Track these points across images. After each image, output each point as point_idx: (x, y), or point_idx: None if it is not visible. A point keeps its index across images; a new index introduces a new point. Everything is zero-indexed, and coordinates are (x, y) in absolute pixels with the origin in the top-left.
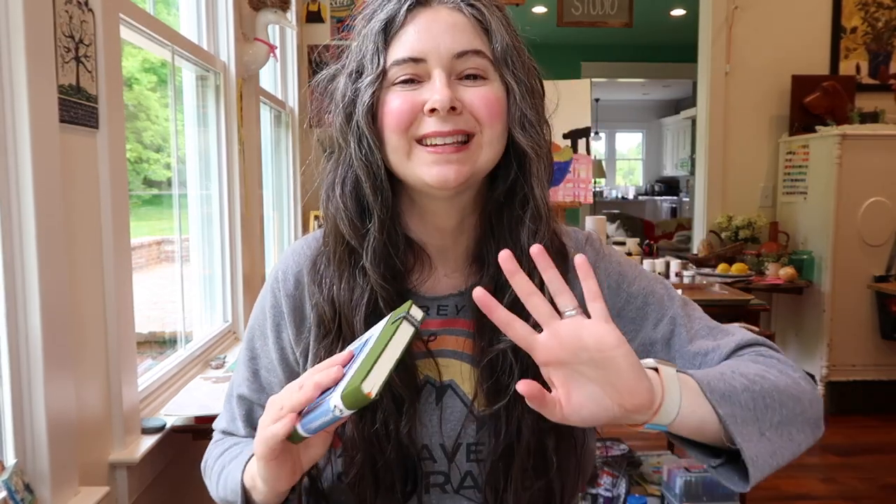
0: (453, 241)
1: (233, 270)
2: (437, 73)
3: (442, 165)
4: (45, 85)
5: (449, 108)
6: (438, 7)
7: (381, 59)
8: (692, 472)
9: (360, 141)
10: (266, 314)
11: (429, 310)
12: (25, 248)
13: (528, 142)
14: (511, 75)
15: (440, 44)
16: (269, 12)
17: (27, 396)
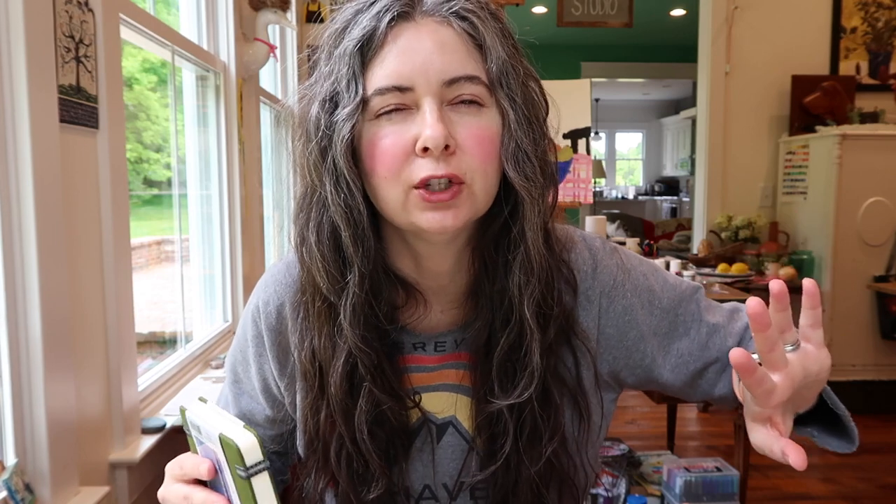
0: (449, 280)
1: (233, 270)
2: (428, 104)
3: (439, 212)
4: (45, 85)
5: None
6: (423, 20)
7: (360, 85)
8: (692, 472)
9: (337, 182)
10: (248, 343)
11: (425, 345)
12: (25, 248)
13: (521, 181)
14: (507, 100)
15: (429, 69)
16: (269, 12)
17: (27, 396)
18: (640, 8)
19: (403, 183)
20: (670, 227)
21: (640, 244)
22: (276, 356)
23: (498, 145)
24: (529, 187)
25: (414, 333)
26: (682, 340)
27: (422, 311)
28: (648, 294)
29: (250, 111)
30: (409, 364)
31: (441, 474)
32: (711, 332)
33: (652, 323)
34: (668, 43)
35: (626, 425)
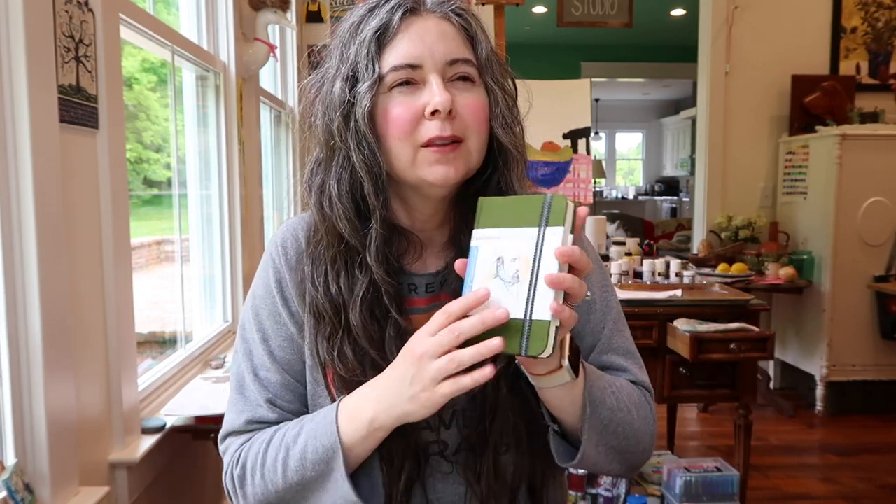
0: (436, 229)
1: (233, 270)
2: (434, 78)
3: (444, 165)
4: (45, 85)
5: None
6: (428, 16)
7: (377, 65)
8: (692, 472)
9: (359, 144)
10: (271, 290)
11: (417, 287)
12: (25, 248)
13: (509, 140)
14: (493, 80)
15: (434, 51)
16: (269, 12)
17: (27, 396)
18: (640, 8)
19: (413, 142)
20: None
21: (640, 244)
22: (299, 293)
23: (487, 115)
24: (516, 145)
25: (409, 274)
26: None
27: (416, 254)
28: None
29: (250, 111)
30: (410, 306)
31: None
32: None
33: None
34: (668, 43)
35: None
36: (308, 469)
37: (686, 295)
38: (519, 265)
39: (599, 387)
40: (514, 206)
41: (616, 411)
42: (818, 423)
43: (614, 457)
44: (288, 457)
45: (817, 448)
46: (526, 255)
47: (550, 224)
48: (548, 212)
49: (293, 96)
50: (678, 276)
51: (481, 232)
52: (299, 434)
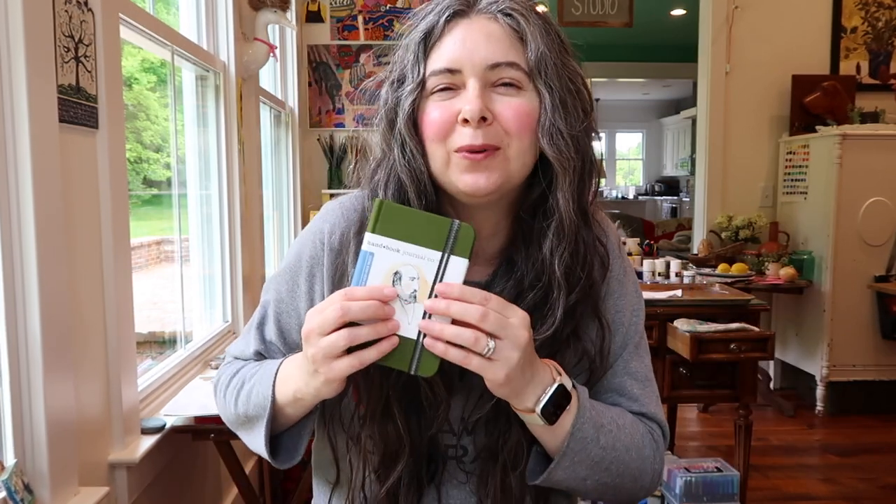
0: (487, 242)
1: (233, 270)
2: (472, 83)
3: (474, 173)
4: (44, 85)
5: (479, 119)
6: (475, 17)
7: (421, 68)
8: (692, 472)
9: (402, 148)
10: (302, 263)
11: None
12: (25, 248)
13: (554, 154)
14: (544, 84)
15: (475, 54)
16: (269, 12)
17: (27, 396)
18: (640, 8)
19: (448, 147)
20: (670, 227)
21: (640, 244)
22: (332, 275)
23: (534, 121)
24: (561, 160)
25: None
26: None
27: None
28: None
29: (250, 111)
30: None
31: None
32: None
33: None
34: (668, 43)
35: None
36: (250, 408)
37: (686, 295)
38: (417, 285)
39: (593, 425)
40: (418, 221)
41: (610, 450)
42: (818, 423)
43: (605, 490)
44: (241, 389)
45: (817, 448)
46: (426, 278)
47: (455, 253)
48: (454, 239)
49: (293, 96)
50: (678, 276)
51: (378, 238)
52: (255, 374)
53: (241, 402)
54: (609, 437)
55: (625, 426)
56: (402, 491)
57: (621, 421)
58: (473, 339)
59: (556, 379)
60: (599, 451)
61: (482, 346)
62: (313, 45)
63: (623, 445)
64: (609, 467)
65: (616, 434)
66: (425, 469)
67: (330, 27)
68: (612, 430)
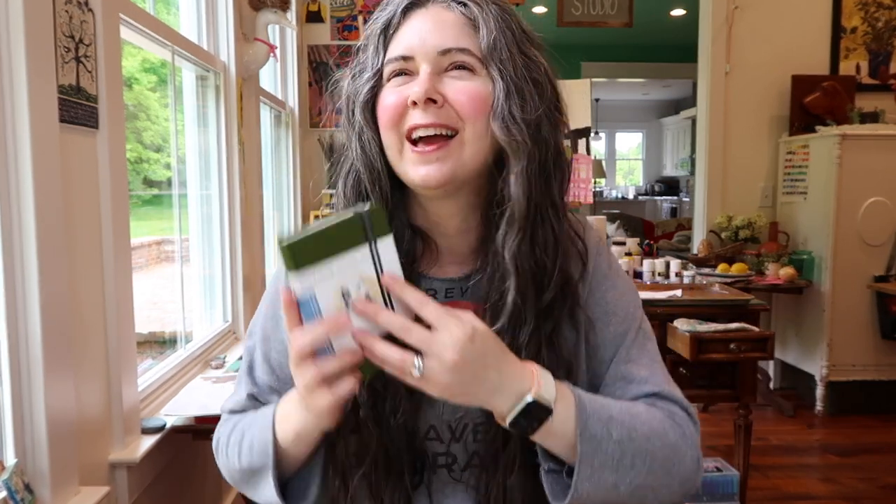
0: (458, 237)
1: (233, 270)
2: (423, 68)
3: (425, 165)
4: (45, 85)
5: (428, 100)
6: (431, 7)
7: (380, 58)
8: None
9: (360, 135)
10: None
11: (437, 293)
12: (25, 248)
13: (505, 137)
14: (497, 70)
15: (427, 41)
16: (269, 12)
17: (27, 396)
18: (640, 8)
19: (399, 132)
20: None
21: (640, 244)
22: None
23: (487, 105)
24: (512, 144)
25: (428, 278)
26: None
27: (434, 258)
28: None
29: (250, 111)
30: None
31: (448, 415)
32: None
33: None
34: (668, 43)
35: None
36: (254, 458)
37: (686, 295)
38: (366, 288)
39: (599, 419)
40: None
41: (628, 443)
42: (818, 423)
43: (645, 494)
44: (242, 442)
45: (817, 448)
46: (369, 275)
47: (378, 235)
48: (370, 225)
49: (293, 96)
50: (678, 276)
51: (306, 276)
52: (253, 423)
53: (244, 455)
54: (622, 429)
55: (638, 414)
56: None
57: (633, 410)
58: (399, 360)
59: (530, 389)
60: (616, 446)
61: (408, 367)
62: (313, 45)
63: (642, 435)
64: (635, 463)
65: (630, 424)
66: (410, 477)
67: (330, 27)
68: (623, 421)
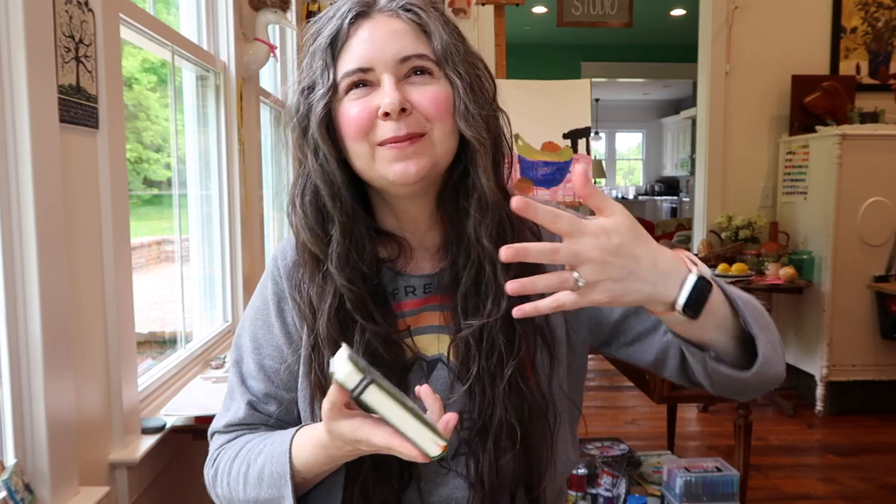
0: (427, 233)
1: (233, 270)
2: (386, 78)
3: (402, 161)
4: (45, 85)
5: (399, 110)
6: (377, 16)
7: (331, 73)
8: (692, 472)
9: (315, 152)
10: (268, 303)
11: (415, 289)
12: (25, 248)
13: (472, 132)
14: (454, 72)
15: (385, 51)
16: (269, 12)
17: (27, 396)
18: (640, 8)
19: (370, 142)
20: (670, 227)
21: None
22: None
23: (451, 106)
24: (479, 138)
25: (406, 276)
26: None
27: (408, 256)
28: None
29: (250, 111)
30: (403, 309)
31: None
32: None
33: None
34: (668, 43)
35: (626, 425)
36: (263, 489)
37: None
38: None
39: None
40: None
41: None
42: (818, 423)
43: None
44: (248, 473)
45: (817, 448)
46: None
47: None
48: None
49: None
50: None
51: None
52: (261, 453)
53: (252, 486)
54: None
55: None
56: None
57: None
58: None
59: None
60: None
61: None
62: None
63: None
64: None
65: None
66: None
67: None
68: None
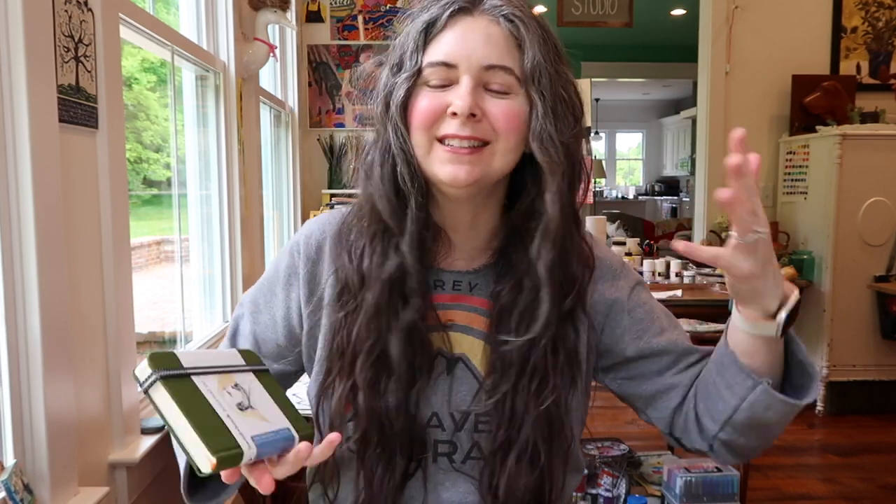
0: (468, 233)
1: (233, 270)
2: (465, 80)
3: (455, 165)
4: (44, 85)
5: (469, 115)
6: (479, 16)
7: (419, 57)
8: (692, 472)
9: (395, 131)
10: (279, 273)
11: (444, 284)
12: (25, 248)
13: (545, 158)
14: (537, 92)
15: (472, 53)
16: (269, 12)
17: (27, 396)
18: (640, 8)
19: (431, 135)
20: (670, 227)
21: (641, 244)
22: (308, 283)
23: (523, 124)
24: (552, 164)
25: (436, 270)
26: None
27: (445, 251)
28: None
29: (250, 111)
30: (435, 302)
31: (449, 405)
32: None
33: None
34: (668, 43)
35: (626, 425)
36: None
37: (686, 295)
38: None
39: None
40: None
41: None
42: (818, 423)
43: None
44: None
45: (817, 448)
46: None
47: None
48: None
49: (293, 96)
50: (678, 276)
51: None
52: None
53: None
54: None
55: None
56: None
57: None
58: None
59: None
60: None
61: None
62: (313, 45)
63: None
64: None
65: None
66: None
67: (330, 27)
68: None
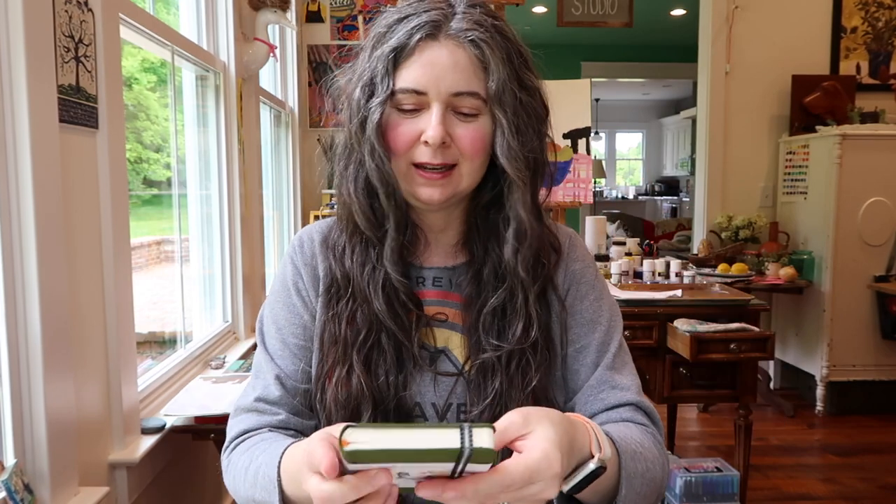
0: (442, 233)
1: (233, 270)
2: (435, 108)
3: (430, 187)
4: (44, 85)
5: (440, 143)
6: (445, 41)
7: (390, 81)
8: (692, 472)
9: (372, 153)
10: (288, 285)
11: (425, 280)
12: (25, 248)
13: (513, 171)
14: (501, 111)
15: (441, 81)
16: (269, 12)
17: (27, 396)
18: (640, 8)
19: (407, 160)
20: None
21: (640, 244)
22: (312, 282)
23: (487, 144)
24: (518, 174)
25: (416, 267)
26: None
27: (423, 248)
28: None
29: (250, 111)
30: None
31: (431, 395)
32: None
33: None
34: (668, 43)
35: None
36: (258, 490)
37: (686, 295)
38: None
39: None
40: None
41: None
42: (818, 423)
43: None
44: (249, 469)
45: (817, 448)
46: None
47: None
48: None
49: (293, 96)
50: (678, 276)
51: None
52: (264, 451)
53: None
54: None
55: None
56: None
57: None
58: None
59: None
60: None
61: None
62: (313, 45)
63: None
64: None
65: (644, 455)
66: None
67: (330, 27)
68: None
